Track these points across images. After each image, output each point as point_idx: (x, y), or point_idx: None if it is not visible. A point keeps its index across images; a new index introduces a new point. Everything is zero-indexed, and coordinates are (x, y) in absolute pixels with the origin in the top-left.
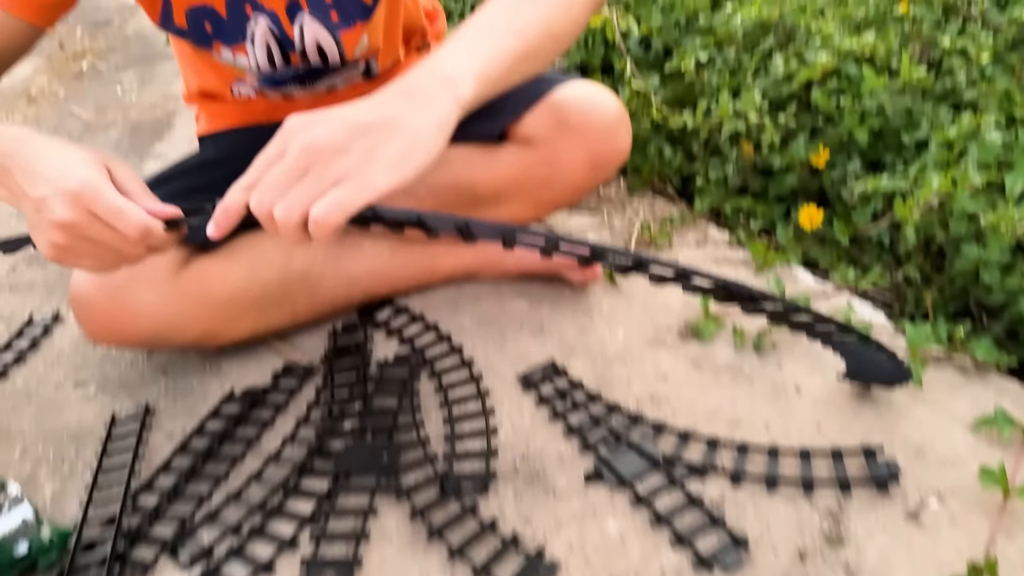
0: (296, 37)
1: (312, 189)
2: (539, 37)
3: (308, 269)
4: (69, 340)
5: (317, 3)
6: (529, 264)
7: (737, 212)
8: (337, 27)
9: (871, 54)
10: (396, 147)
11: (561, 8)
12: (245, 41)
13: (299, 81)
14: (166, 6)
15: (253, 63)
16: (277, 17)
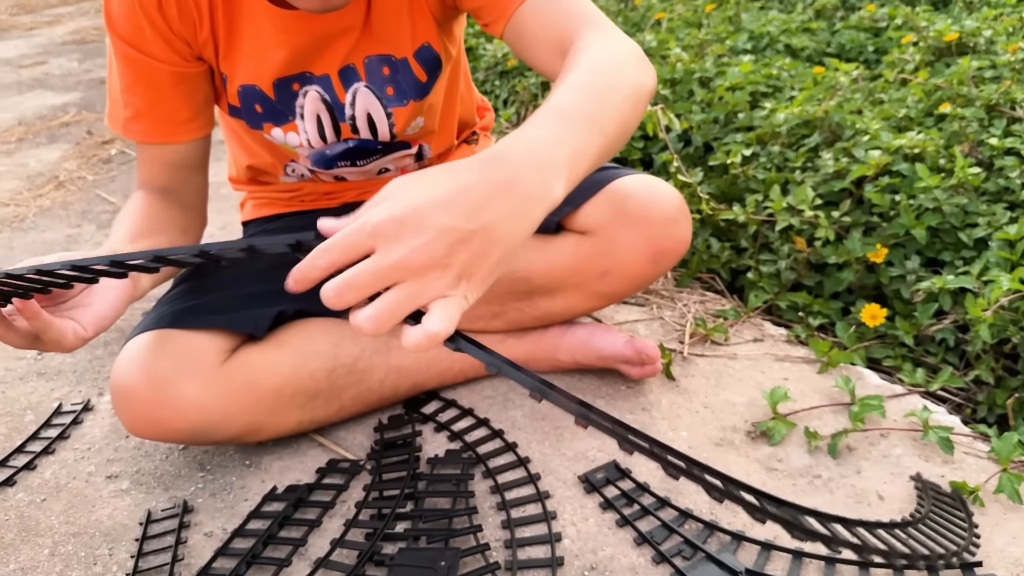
0: (347, 103)
1: (404, 305)
2: (617, 135)
3: (357, 359)
4: (100, 430)
5: (375, 76)
6: (583, 357)
7: (793, 308)
8: (391, 102)
9: (920, 152)
10: (491, 262)
11: (630, 103)
12: (294, 118)
13: (350, 158)
14: (224, 86)
15: (304, 138)
16: (329, 81)
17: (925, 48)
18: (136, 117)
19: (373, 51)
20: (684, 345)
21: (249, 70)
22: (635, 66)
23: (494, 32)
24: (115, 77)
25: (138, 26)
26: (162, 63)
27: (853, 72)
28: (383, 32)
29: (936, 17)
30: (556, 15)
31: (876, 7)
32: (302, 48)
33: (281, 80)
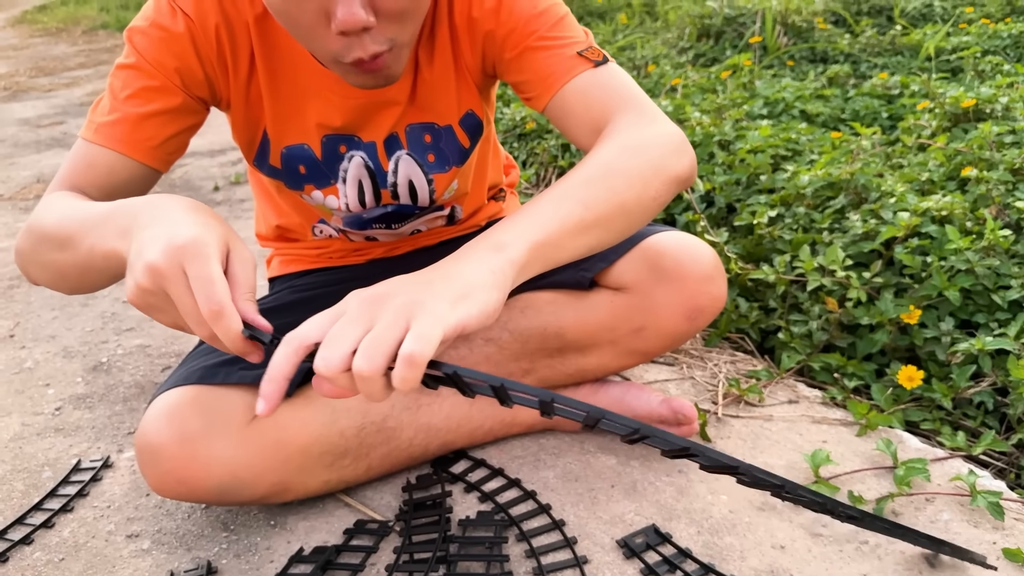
0: (390, 171)
1: (387, 332)
2: (609, 211)
3: (386, 417)
4: (120, 488)
5: (416, 144)
6: None
7: (826, 370)
8: (432, 168)
9: (948, 214)
10: (454, 287)
11: (637, 185)
12: (336, 181)
13: (385, 222)
14: (263, 146)
15: (343, 202)
16: (375, 149)
17: (941, 114)
18: (117, 123)
19: (416, 120)
20: (718, 406)
21: (298, 130)
22: (659, 148)
23: (536, 106)
24: (112, 90)
25: (167, 46)
26: (172, 89)
27: (872, 136)
28: (429, 103)
29: (949, 86)
30: (598, 95)
31: (888, 75)
32: (355, 112)
33: (330, 140)
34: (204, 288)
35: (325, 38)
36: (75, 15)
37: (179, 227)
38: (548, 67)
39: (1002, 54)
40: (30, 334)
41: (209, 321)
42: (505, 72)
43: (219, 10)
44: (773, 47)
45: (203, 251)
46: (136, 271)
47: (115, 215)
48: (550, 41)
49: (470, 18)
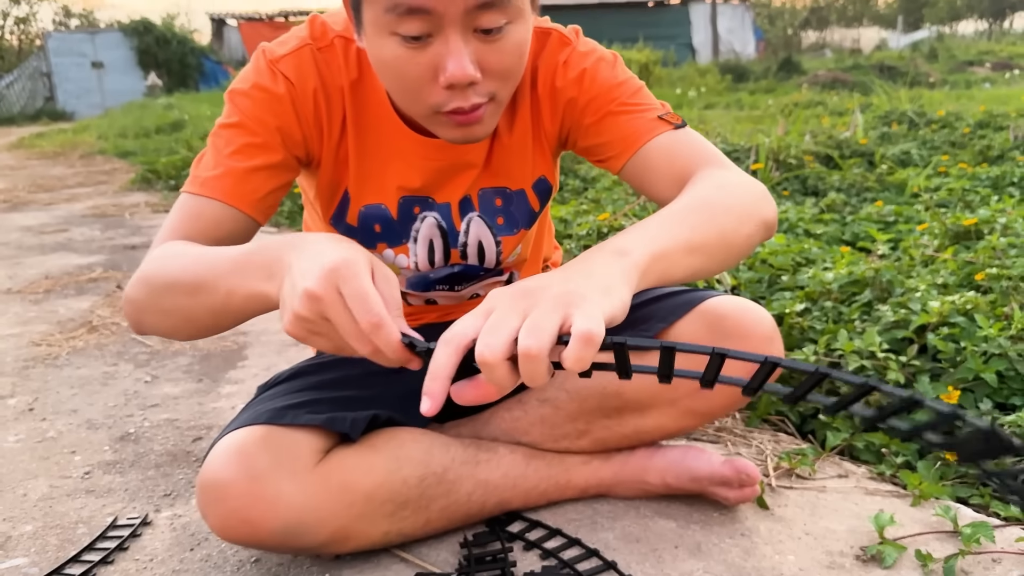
0: (462, 231)
1: (549, 316)
2: (711, 235)
3: (447, 469)
4: (162, 543)
5: (487, 206)
6: (674, 479)
7: (869, 450)
8: (501, 231)
9: (973, 308)
10: (595, 283)
11: (734, 218)
12: (408, 241)
13: (449, 283)
14: (343, 204)
15: (413, 261)
16: (449, 210)
17: (943, 233)
18: (222, 176)
19: (489, 184)
20: (771, 477)
21: (377, 189)
22: (748, 193)
23: (613, 166)
24: (215, 147)
25: (268, 107)
26: (274, 145)
27: (881, 247)
28: (504, 168)
29: (944, 211)
30: (681, 151)
31: (883, 204)
32: (433, 174)
33: (406, 201)
34: (362, 303)
35: (431, 91)
36: (73, 141)
37: (327, 254)
38: (630, 128)
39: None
40: (50, 408)
41: (369, 333)
42: (583, 137)
43: (317, 75)
44: (767, 180)
45: (354, 269)
46: (294, 302)
47: (253, 258)
48: (631, 107)
49: (553, 87)
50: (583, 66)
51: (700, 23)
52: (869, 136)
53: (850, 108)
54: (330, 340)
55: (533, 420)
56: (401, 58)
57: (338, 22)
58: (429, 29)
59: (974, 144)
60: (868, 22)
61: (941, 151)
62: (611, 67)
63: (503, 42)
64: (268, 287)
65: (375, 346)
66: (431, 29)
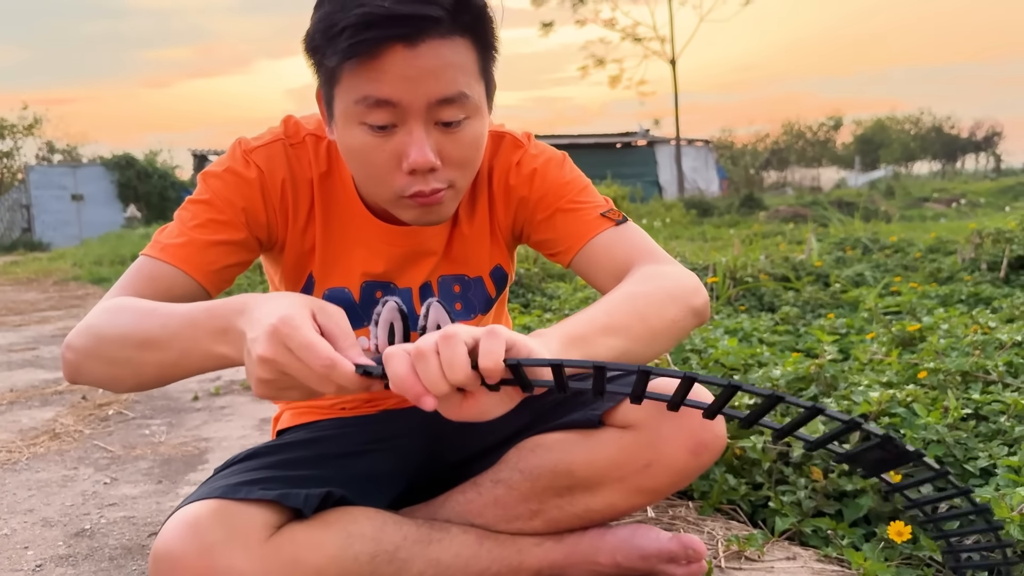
0: (421, 315)
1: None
2: (631, 319)
3: (399, 547)
4: None
5: (447, 293)
6: (624, 558)
7: (816, 535)
8: (458, 316)
9: (913, 400)
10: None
11: (656, 303)
12: (369, 324)
13: None
14: (307, 289)
15: (373, 343)
16: (410, 295)
17: (890, 340)
18: (184, 246)
19: (449, 272)
20: (720, 559)
21: (342, 274)
22: (676, 281)
23: (562, 260)
24: (181, 220)
25: (238, 189)
26: (237, 224)
27: (828, 348)
28: (463, 256)
29: (888, 320)
30: (621, 247)
31: (835, 317)
32: (396, 260)
33: (368, 286)
34: (309, 353)
35: (394, 176)
36: (47, 268)
37: (267, 317)
38: (576, 226)
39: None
40: (5, 508)
41: (326, 376)
42: (534, 231)
43: (287, 167)
44: (724, 295)
45: (294, 324)
46: (254, 370)
47: (206, 320)
48: (577, 205)
49: (507, 185)
50: (534, 166)
51: (666, 162)
52: (824, 259)
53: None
54: (297, 390)
55: (487, 502)
56: (368, 145)
57: (310, 122)
58: (394, 120)
59: (925, 267)
60: (827, 162)
61: (894, 273)
62: (559, 167)
63: (461, 135)
64: (227, 350)
65: (336, 384)
66: (396, 120)
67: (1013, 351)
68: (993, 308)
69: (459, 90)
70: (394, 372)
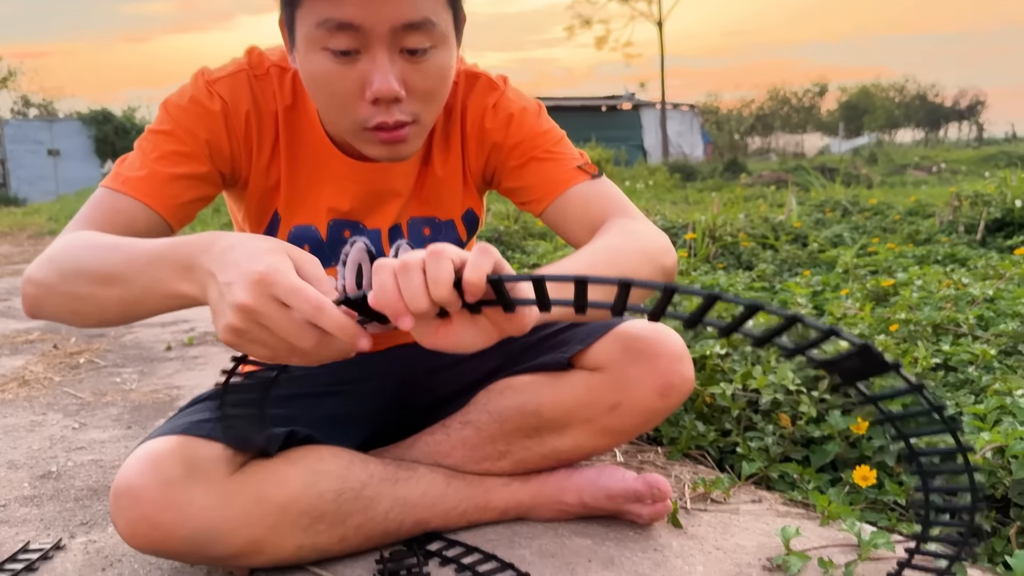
0: (391, 256)
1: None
2: (606, 269)
3: (365, 485)
4: (73, 565)
5: (416, 235)
6: (591, 498)
7: (783, 480)
8: None
9: (884, 349)
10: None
11: (633, 261)
12: (336, 263)
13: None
14: (272, 226)
15: (341, 283)
16: (379, 236)
17: (864, 296)
18: (146, 179)
19: (419, 214)
20: (686, 500)
21: (308, 211)
22: (650, 240)
23: (534, 209)
24: (142, 150)
25: (201, 120)
26: (200, 157)
27: (801, 300)
28: (435, 198)
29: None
30: (596, 201)
31: (810, 274)
32: (362, 198)
33: (336, 224)
34: (298, 297)
35: (357, 105)
36: (22, 223)
37: (249, 262)
38: (551, 175)
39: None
40: None
41: (314, 318)
42: (506, 178)
43: (251, 98)
44: (702, 253)
45: (281, 270)
46: (227, 315)
47: (170, 255)
48: (552, 155)
49: (481, 128)
50: (511, 111)
51: (651, 126)
52: (803, 221)
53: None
54: (266, 346)
55: (455, 443)
56: (331, 72)
57: (274, 54)
58: (357, 45)
59: (903, 229)
60: (811, 129)
61: (872, 234)
62: (536, 116)
63: (427, 64)
64: (189, 288)
65: (318, 334)
66: (359, 45)
67: (984, 306)
68: (968, 268)
69: (424, 16)
70: (380, 283)
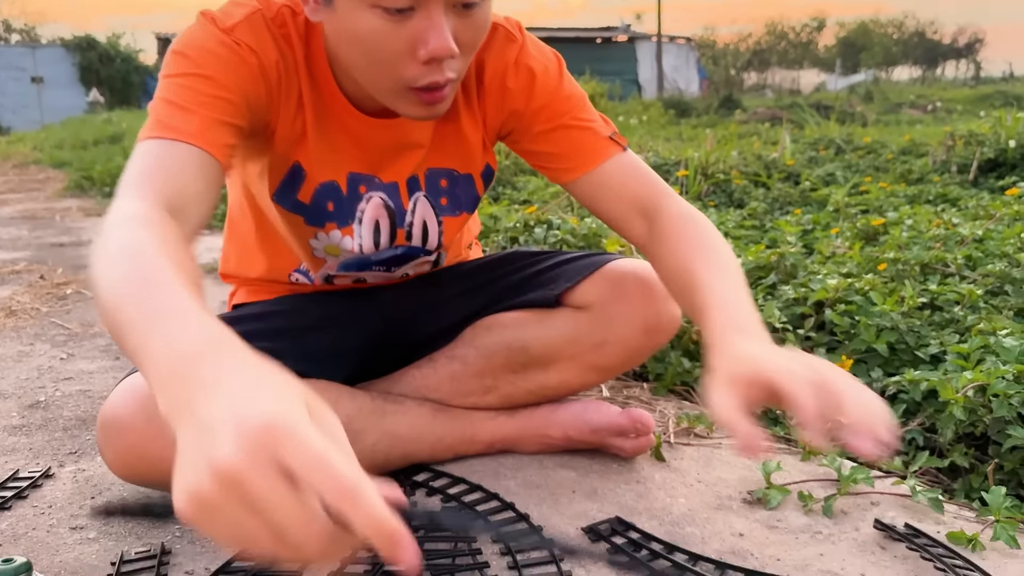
0: (409, 210)
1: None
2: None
3: (352, 418)
4: (63, 492)
5: (433, 187)
6: (575, 432)
7: (765, 415)
8: (443, 211)
9: (870, 288)
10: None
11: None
12: (353, 222)
13: (387, 264)
14: (292, 179)
15: (357, 243)
16: (397, 189)
17: (854, 235)
18: (198, 123)
19: (437, 164)
20: (670, 434)
21: (332, 167)
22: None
23: (560, 178)
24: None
25: (236, 71)
26: (241, 109)
27: (791, 238)
28: (454, 150)
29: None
30: (634, 177)
31: (801, 213)
32: (378, 154)
33: (353, 178)
34: (321, 471)
35: (405, 65)
36: (6, 151)
37: (249, 401)
38: (584, 145)
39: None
40: None
41: (340, 505)
42: (528, 141)
43: (275, 46)
44: (694, 190)
45: (297, 422)
46: (196, 475)
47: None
48: (583, 123)
49: (503, 86)
50: (533, 70)
51: (646, 60)
52: (796, 159)
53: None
54: (240, 532)
55: (442, 377)
56: (380, 31)
57: None
58: (412, 3)
59: (896, 168)
60: (808, 65)
61: (865, 173)
62: (559, 76)
63: (474, 18)
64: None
65: (333, 531)
66: (414, 3)
67: (974, 246)
68: (959, 208)
69: None
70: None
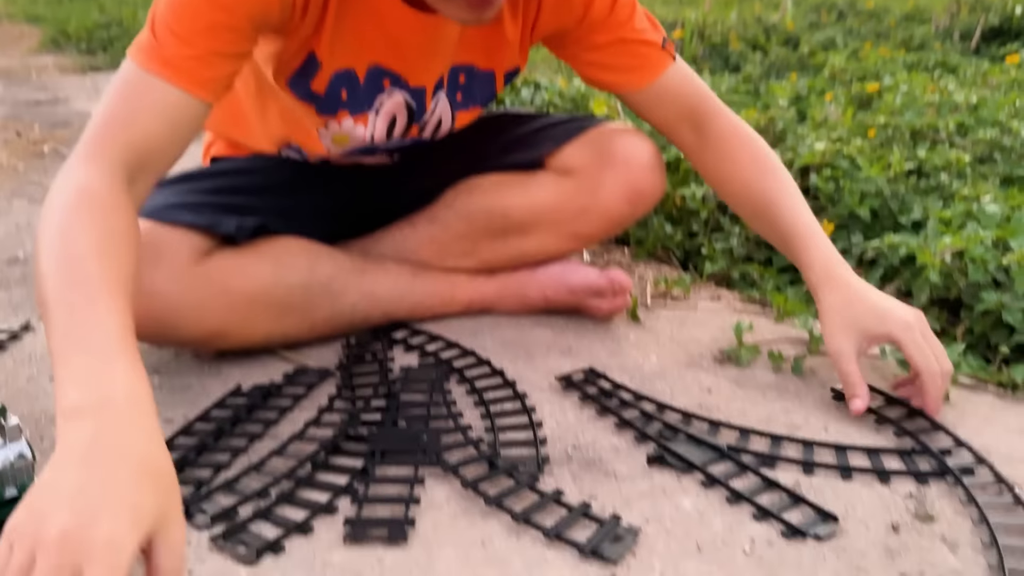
0: (430, 111)
1: None
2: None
3: (332, 279)
4: (42, 345)
5: (452, 84)
6: (553, 292)
7: (743, 280)
8: (457, 106)
9: (860, 151)
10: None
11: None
12: (369, 111)
13: (391, 151)
14: (307, 68)
15: (370, 133)
16: (423, 94)
17: (847, 101)
18: (190, 58)
19: (460, 61)
20: (647, 296)
21: (349, 55)
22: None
23: (617, 89)
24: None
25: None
26: (248, 34)
27: (782, 102)
28: (480, 46)
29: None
30: (686, 89)
31: (796, 78)
32: (414, 53)
33: (376, 70)
34: None
35: None
36: None
37: (96, 503)
38: (644, 59)
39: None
40: None
41: None
42: (587, 51)
43: None
44: (690, 53)
45: (114, 559)
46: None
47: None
48: (639, 33)
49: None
50: None
51: None
52: (797, 23)
53: None
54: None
55: (422, 239)
56: None
57: None
58: None
59: (897, 34)
60: None
61: (865, 39)
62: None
63: None
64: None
65: None
66: None
67: (967, 113)
68: (957, 75)
69: None
70: None
